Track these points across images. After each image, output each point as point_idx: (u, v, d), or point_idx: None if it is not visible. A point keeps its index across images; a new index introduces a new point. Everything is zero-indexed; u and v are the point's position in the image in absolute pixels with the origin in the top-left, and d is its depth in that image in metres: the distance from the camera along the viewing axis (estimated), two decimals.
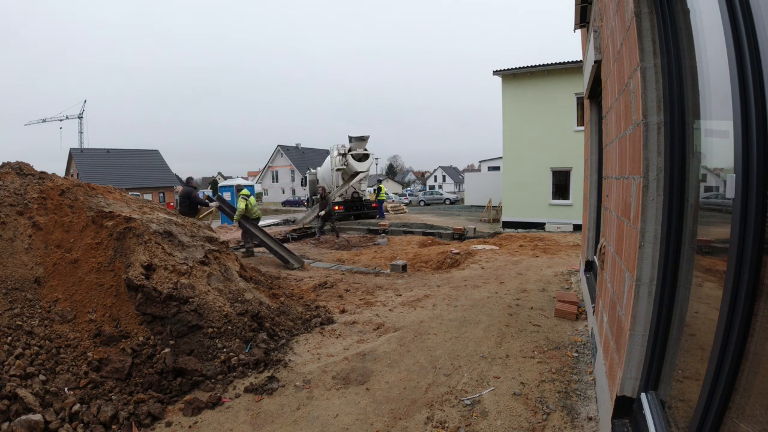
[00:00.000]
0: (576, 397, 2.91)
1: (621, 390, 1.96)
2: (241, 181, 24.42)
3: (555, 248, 9.49)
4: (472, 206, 27.93)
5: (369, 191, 21.30)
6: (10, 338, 2.95)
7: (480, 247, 9.80)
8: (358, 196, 19.40)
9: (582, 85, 6.03)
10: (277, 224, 16.84)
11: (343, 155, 18.16)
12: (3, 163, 4.69)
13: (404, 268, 7.84)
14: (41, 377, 2.80)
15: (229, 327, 3.77)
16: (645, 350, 1.85)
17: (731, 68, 1.14)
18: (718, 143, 1.46)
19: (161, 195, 39.48)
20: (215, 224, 17.46)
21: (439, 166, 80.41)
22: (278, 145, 53.81)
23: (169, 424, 2.76)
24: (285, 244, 13.15)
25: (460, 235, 13.40)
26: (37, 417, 2.49)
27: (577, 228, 13.73)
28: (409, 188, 69.72)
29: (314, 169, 22.70)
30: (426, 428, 2.64)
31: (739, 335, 1.11)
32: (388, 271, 7.97)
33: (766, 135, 1.02)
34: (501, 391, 3.03)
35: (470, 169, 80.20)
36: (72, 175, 27.33)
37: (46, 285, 3.54)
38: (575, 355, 3.59)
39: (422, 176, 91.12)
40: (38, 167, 4.80)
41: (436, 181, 77.28)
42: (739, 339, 1.11)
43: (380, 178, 19.62)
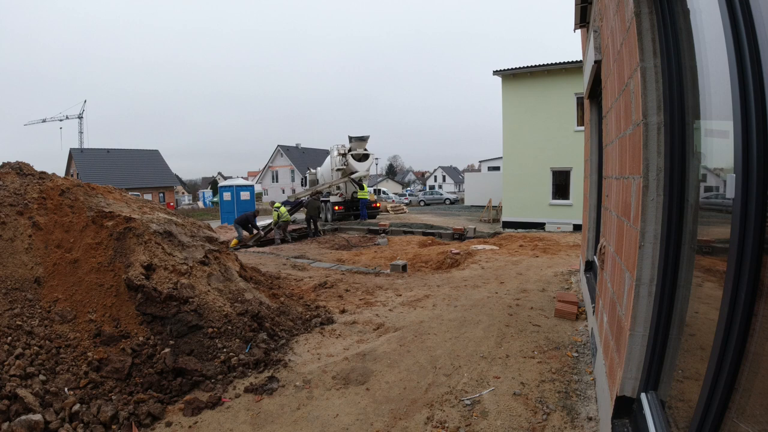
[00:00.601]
0: (576, 397, 2.91)
1: (621, 390, 1.96)
2: (241, 181, 24.38)
3: (555, 248, 9.49)
4: (472, 206, 27.94)
5: (369, 191, 21.28)
6: (10, 338, 2.95)
7: (480, 247, 9.80)
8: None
9: (582, 85, 6.03)
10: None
11: (343, 155, 18.17)
12: (3, 163, 4.69)
13: (404, 268, 7.84)
14: (41, 377, 2.80)
15: (229, 327, 3.77)
16: (645, 350, 1.85)
17: (731, 68, 1.14)
18: (718, 143, 1.46)
19: (161, 195, 39.51)
20: (215, 224, 17.48)
21: (439, 166, 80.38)
22: (278, 145, 53.80)
23: (169, 424, 2.76)
24: (285, 245, 13.24)
25: (460, 235, 13.41)
26: (37, 417, 2.49)
27: (577, 228, 13.74)
28: (409, 188, 69.73)
29: (314, 169, 22.72)
30: (426, 428, 2.64)
31: (739, 335, 1.11)
32: (388, 271, 7.98)
33: (766, 135, 1.02)
34: (501, 391, 3.03)
35: (470, 169, 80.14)
36: (72, 175, 27.32)
37: (46, 285, 3.54)
38: (575, 355, 3.59)
39: (422, 176, 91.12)
40: (38, 167, 4.80)
41: (436, 181, 77.27)
42: (739, 339, 1.11)
43: (361, 177, 19.05)
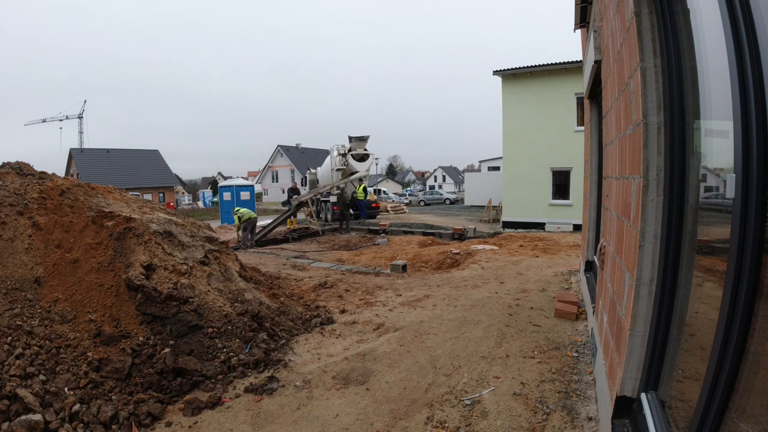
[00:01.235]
0: (576, 397, 2.91)
1: (621, 390, 1.96)
2: (241, 181, 24.39)
3: (555, 248, 9.49)
4: (472, 206, 27.93)
5: (369, 191, 21.28)
6: (10, 338, 2.95)
7: (480, 247, 9.80)
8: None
9: (582, 85, 6.03)
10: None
11: (343, 155, 18.17)
12: (3, 163, 4.68)
13: (404, 268, 7.84)
14: (41, 377, 2.80)
15: (229, 327, 3.77)
16: (645, 350, 1.85)
17: (731, 68, 1.14)
18: (718, 143, 1.46)
19: (161, 195, 39.50)
20: (215, 224, 17.48)
21: (439, 166, 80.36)
22: (278, 145, 53.76)
23: (169, 424, 2.76)
24: (285, 244, 13.25)
25: (460, 235, 13.41)
26: (37, 417, 2.49)
27: (577, 228, 13.73)
28: (409, 188, 69.70)
29: (314, 169, 22.71)
30: (426, 428, 2.64)
31: (739, 335, 1.11)
32: (388, 271, 7.97)
33: (766, 135, 1.02)
34: (501, 391, 3.03)
35: (470, 169, 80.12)
36: (72, 175, 27.32)
37: (46, 285, 3.54)
38: (575, 355, 3.59)
39: (422, 176, 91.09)
40: (38, 167, 4.80)
41: (436, 181, 77.25)
42: (739, 339, 1.11)
43: (362, 177, 19.13)
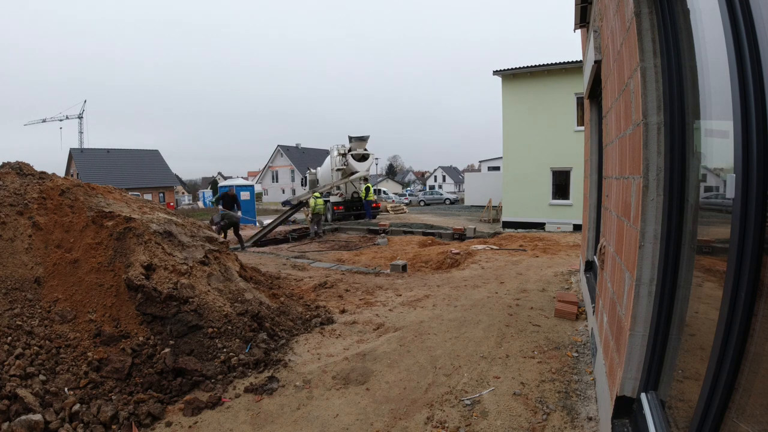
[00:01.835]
0: (576, 397, 2.91)
1: (621, 390, 1.96)
2: (241, 181, 24.39)
3: (555, 248, 9.49)
4: (472, 206, 27.94)
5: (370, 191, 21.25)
6: (10, 338, 2.95)
7: (480, 247, 9.80)
8: (358, 196, 19.40)
9: (582, 85, 6.03)
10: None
11: (343, 155, 18.18)
12: (3, 163, 4.68)
13: (404, 268, 7.84)
14: (41, 377, 2.80)
15: (229, 327, 3.77)
16: (645, 350, 1.85)
17: (731, 68, 1.14)
18: (718, 143, 1.46)
19: (161, 195, 39.50)
20: None
21: (439, 166, 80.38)
22: (278, 145, 53.79)
23: (169, 424, 2.76)
24: (284, 245, 13.27)
25: (460, 235, 13.41)
26: (37, 417, 2.49)
27: (577, 228, 13.73)
28: (409, 188, 69.69)
29: (314, 169, 22.72)
30: (426, 428, 2.64)
31: (739, 335, 1.11)
32: (388, 271, 7.97)
33: (766, 135, 1.02)
34: (501, 391, 3.03)
35: (470, 169, 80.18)
36: (72, 175, 27.29)
37: (46, 285, 3.54)
38: (575, 355, 3.59)
39: (422, 176, 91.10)
40: (38, 167, 4.80)
41: (436, 181, 77.25)
42: (739, 339, 1.11)
43: (367, 177, 19.39)
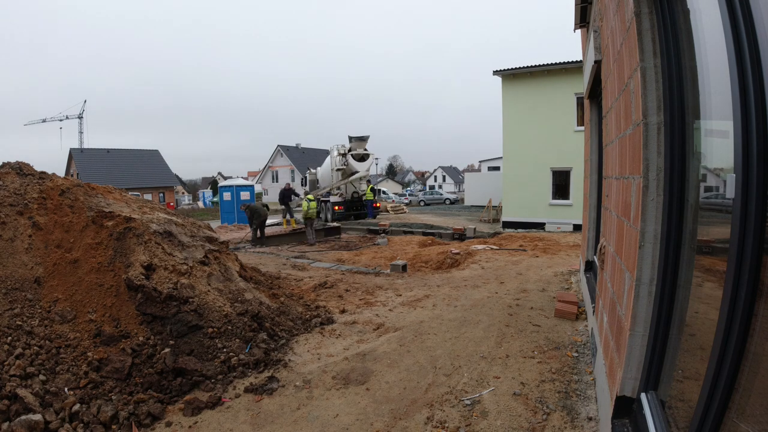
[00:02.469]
0: (576, 397, 2.91)
1: (621, 390, 1.96)
2: (241, 181, 24.36)
3: (555, 248, 9.49)
4: (472, 206, 27.92)
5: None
6: (10, 338, 2.95)
7: (480, 247, 9.80)
8: (358, 196, 19.40)
9: (582, 85, 6.03)
10: (278, 224, 16.86)
11: (343, 155, 18.18)
12: (3, 163, 4.68)
13: (404, 268, 7.84)
14: (41, 377, 2.80)
15: (229, 327, 3.77)
16: (645, 350, 1.85)
17: (731, 68, 1.14)
18: (718, 143, 1.46)
19: (161, 195, 39.50)
20: (215, 224, 17.47)
21: (439, 166, 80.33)
22: (278, 145, 53.76)
23: (169, 424, 2.76)
24: (285, 245, 13.24)
25: (460, 235, 13.41)
26: (37, 417, 2.49)
27: (577, 228, 13.73)
28: (409, 188, 69.65)
29: (314, 169, 22.72)
30: (426, 428, 2.64)
31: (739, 335, 1.11)
32: (388, 271, 7.97)
33: (766, 135, 1.02)
34: (501, 391, 3.03)
35: (470, 169, 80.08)
36: (72, 175, 27.31)
37: (46, 285, 3.54)
38: (575, 355, 3.59)
39: (422, 176, 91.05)
40: (38, 167, 4.80)
41: (436, 181, 77.22)
42: (739, 339, 1.11)
43: (369, 178, 19.53)
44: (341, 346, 4.04)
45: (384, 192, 39.97)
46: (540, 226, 15.01)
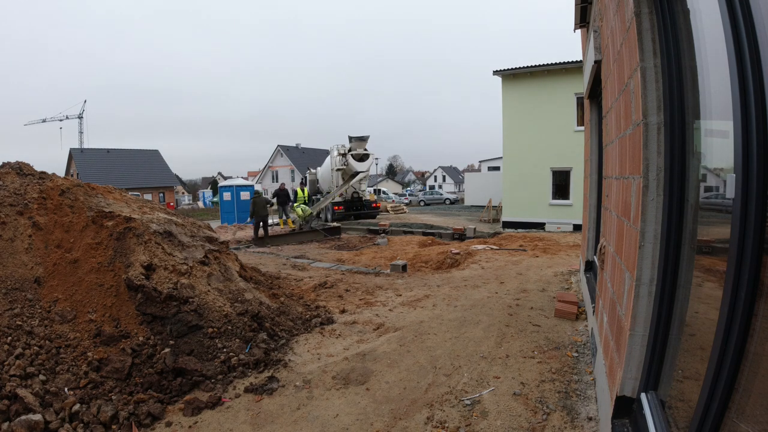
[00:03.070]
0: (576, 397, 2.91)
1: (621, 390, 1.96)
2: (241, 181, 24.37)
3: (555, 248, 9.49)
4: (472, 206, 27.93)
5: (369, 191, 21.29)
6: (10, 338, 2.95)
7: (480, 247, 9.80)
8: (358, 196, 19.41)
9: (582, 85, 6.03)
10: (278, 224, 16.87)
11: (343, 155, 18.18)
12: (3, 163, 4.68)
13: (404, 268, 7.84)
14: (41, 377, 2.80)
15: (229, 327, 3.77)
16: (645, 350, 1.85)
17: (731, 68, 1.14)
18: (718, 143, 1.46)
19: (161, 195, 39.52)
20: (215, 224, 17.48)
21: (439, 166, 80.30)
22: (278, 145, 53.77)
23: (169, 424, 2.76)
24: (285, 245, 13.24)
25: (460, 235, 13.41)
26: (37, 417, 2.49)
27: (577, 228, 13.73)
28: (409, 188, 69.65)
29: (314, 169, 22.73)
30: (426, 428, 2.64)
31: (739, 335, 1.11)
32: (388, 271, 7.97)
33: (766, 135, 1.02)
34: (501, 391, 3.03)
35: (470, 169, 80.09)
36: (72, 175, 27.32)
37: (46, 285, 3.54)
38: (575, 355, 3.59)
39: (422, 176, 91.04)
40: (38, 167, 4.80)
41: (436, 181, 77.20)
42: (739, 339, 1.11)
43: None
44: (341, 346, 4.04)
45: (384, 192, 40.00)
46: (540, 226, 15.01)
